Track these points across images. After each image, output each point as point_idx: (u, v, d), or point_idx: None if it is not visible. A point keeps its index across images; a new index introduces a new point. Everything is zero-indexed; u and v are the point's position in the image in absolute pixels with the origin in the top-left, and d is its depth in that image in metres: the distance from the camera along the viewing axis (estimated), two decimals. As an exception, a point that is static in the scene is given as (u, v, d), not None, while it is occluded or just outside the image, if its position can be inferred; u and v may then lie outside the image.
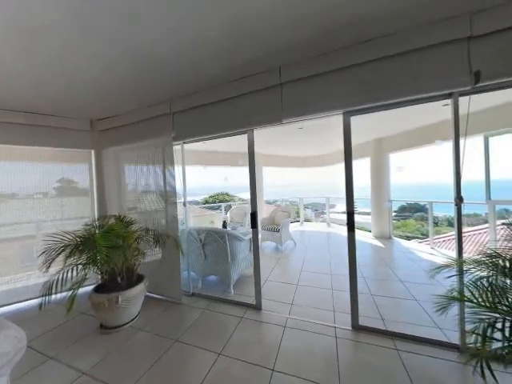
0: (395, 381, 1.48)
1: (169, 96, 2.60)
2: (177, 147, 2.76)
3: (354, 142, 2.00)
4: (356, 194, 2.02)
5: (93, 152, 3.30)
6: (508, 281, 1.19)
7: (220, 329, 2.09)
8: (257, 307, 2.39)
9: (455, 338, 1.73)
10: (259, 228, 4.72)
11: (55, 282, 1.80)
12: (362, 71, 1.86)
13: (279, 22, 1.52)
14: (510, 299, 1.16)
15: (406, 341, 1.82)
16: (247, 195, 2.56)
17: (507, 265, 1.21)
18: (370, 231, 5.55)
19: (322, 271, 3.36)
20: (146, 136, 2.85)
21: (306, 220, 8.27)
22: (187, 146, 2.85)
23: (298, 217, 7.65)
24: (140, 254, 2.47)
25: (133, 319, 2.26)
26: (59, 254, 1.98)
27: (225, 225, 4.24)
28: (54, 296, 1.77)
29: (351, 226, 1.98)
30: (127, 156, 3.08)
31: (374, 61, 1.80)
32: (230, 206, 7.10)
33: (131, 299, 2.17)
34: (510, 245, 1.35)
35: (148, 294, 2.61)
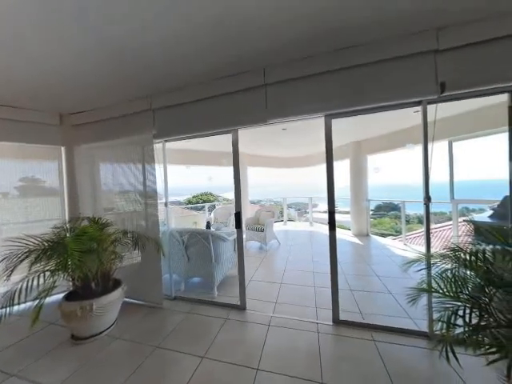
0: (372, 370, 1.57)
1: (149, 91, 2.49)
2: (158, 145, 2.66)
3: (335, 144, 2.08)
4: (337, 194, 2.10)
5: (63, 149, 3.05)
6: (468, 272, 1.32)
7: (203, 332, 2.05)
8: (241, 307, 2.39)
9: (424, 327, 1.88)
10: (244, 228, 4.71)
11: (18, 291, 1.64)
12: (342, 76, 1.94)
13: (264, 24, 1.53)
14: (469, 288, 1.29)
15: (382, 332, 1.94)
16: (232, 195, 2.55)
17: (467, 257, 1.34)
18: (350, 229, 5.82)
19: (305, 269, 3.45)
20: (124, 133, 2.70)
21: (290, 219, 8.43)
22: (169, 145, 2.76)
23: (282, 216, 7.77)
24: (117, 258, 2.34)
25: (109, 327, 2.12)
26: (22, 260, 1.79)
27: (209, 225, 4.18)
28: (16, 307, 1.61)
29: (332, 224, 2.06)
30: (103, 154, 2.89)
31: (353, 67, 1.89)
32: (214, 206, 7.00)
33: (107, 306, 2.05)
34: (469, 239, 1.50)
35: (126, 299, 2.47)
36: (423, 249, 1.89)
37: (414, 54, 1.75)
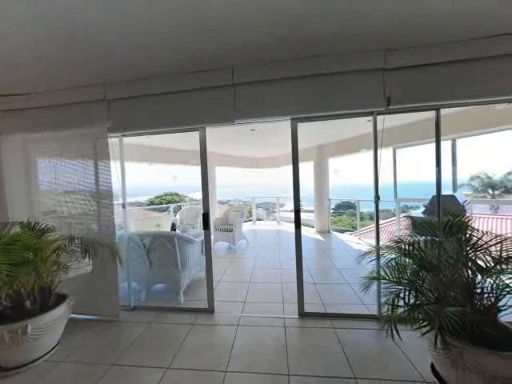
0: (332, 354, 1.71)
1: (104, 79, 2.22)
2: (114, 140, 2.39)
3: (301, 146, 2.20)
4: (302, 194, 2.23)
5: (-15, 139, 2.49)
6: (407, 260, 1.56)
7: (168, 341, 1.93)
8: (209, 311, 2.33)
9: (375, 310, 2.14)
10: (212, 229, 4.60)
11: None
12: (307, 83, 2.06)
13: (234, 23, 1.52)
14: (408, 274, 1.51)
15: (341, 319, 2.13)
16: (199, 195, 2.46)
17: (407, 248, 1.58)
18: (313, 227, 6.24)
19: (272, 267, 3.55)
20: (70, 124, 2.35)
21: (258, 219, 8.58)
22: (128, 140, 2.51)
23: (251, 216, 7.85)
24: (61, 269, 2.02)
25: (49, 351, 1.81)
26: None
27: (174, 227, 3.94)
28: None
29: (298, 223, 2.18)
30: (42, 147, 2.46)
31: (317, 75, 2.03)
32: (180, 207, 6.65)
33: (47, 326, 1.74)
34: (408, 232, 1.76)
35: (74, 315, 2.15)
36: (374, 242, 2.15)
37: (368, 70, 1.97)
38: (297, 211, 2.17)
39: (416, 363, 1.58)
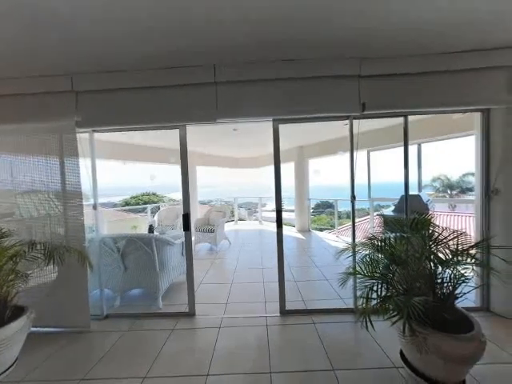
0: (312, 349, 1.77)
1: (73, 69, 2.04)
2: (83, 135, 2.21)
3: (283, 147, 2.24)
4: (283, 194, 2.27)
5: None
6: (380, 255, 1.67)
7: (145, 349, 1.84)
8: (190, 314, 2.26)
9: (351, 304, 2.26)
10: (193, 230, 4.48)
11: None
12: (289, 85, 2.10)
13: (213, 18, 1.49)
14: (380, 268, 1.63)
15: (320, 314, 2.21)
16: (179, 195, 2.38)
17: (379, 244, 1.70)
18: (294, 226, 6.40)
19: (254, 266, 3.57)
20: (32, 116, 2.12)
21: (241, 219, 8.55)
22: (100, 136, 2.33)
23: (233, 216, 7.80)
24: (19, 278, 1.81)
25: (5, 370, 1.60)
26: None
27: (151, 229, 3.76)
28: None
29: (279, 222, 2.21)
30: (-4, 141, 2.18)
31: (299, 78, 2.08)
32: (159, 208, 6.36)
33: (1, 343, 1.54)
34: (380, 229, 1.89)
35: (36, 329, 1.94)
36: (350, 239, 2.27)
37: (345, 76, 2.08)
38: (278, 211, 2.20)
39: (387, 351, 1.70)
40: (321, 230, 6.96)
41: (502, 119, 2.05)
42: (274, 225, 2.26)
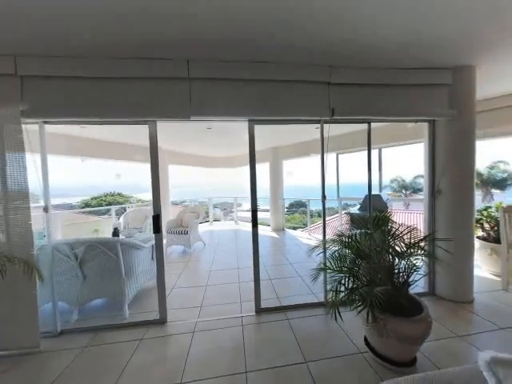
0: (286, 343, 1.82)
1: (16, 49, 1.75)
2: (30, 127, 1.92)
3: (258, 148, 2.26)
4: (259, 194, 2.29)
5: None
6: (347, 250, 1.81)
7: (109, 364, 1.68)
8: (161, 321, 2.14)
9: (322, 298, 2.40)
10: (164, 232, 4.24)
11: None
12: (265, 87, 2.13)
13: (185, 11, 1.43)
14: (348, 262, 1.76)
15: (294, 309, 2.29)
16: (149, 195, 2.23)
17: (346, 240, 1.83)
18: (269, 225, 6.52)
19: (230, 267, 3.53)
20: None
21: (216, 219, 8.39)
22: (53, 128, 2.06)
23: (208, 217, 7.61)
24: None
25: None
26: None
27: (116, 232, 3.45)
28: None
29: (255, 222, 2.23)
30: None
31: (274, 81, 2.12)
32: (125, 209, 5.87)
33: None
34: (348, 227, 2.04)
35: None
36: (321, 237, 2.40)
37: (317, 82, 2.19)
38: (254, 211, 2.22)
39: (353, 338, 1.85)
40: (294, 228, 7.22)
41: (445, 129, 2.38)
42: (250, 225, 2.27)
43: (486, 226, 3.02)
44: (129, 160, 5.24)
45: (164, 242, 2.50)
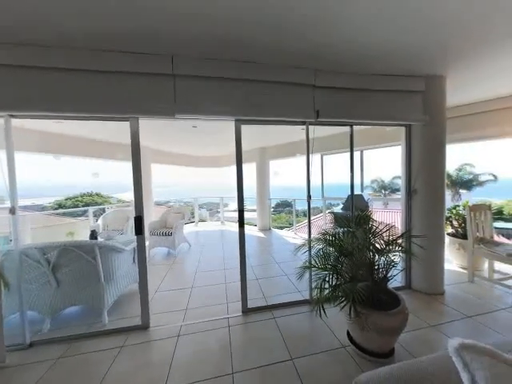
0: (273, 342, 1.84)
1: (-25, 35, 1.59)
2: (-4, 121, 1.75)
3: (245, 148, 2.26)
4: (245, 194, 2.29)
5: None
6: (331, 248, 1.86)
7: (86, 374, 1.58)
8: (143, 327, 2.05)
9: (307, 295, 2.45)
10: (147, 234, 4.08)
11: None
12: (252, 87, 2.13)
13: (168, 4, 1.39)
14: (331, 260, 1.81)
15: (280, 308, 2.32)
16: (130, 195, 2.13)
17: (330, 238, 1.89)
18: (256, 225, 6.54)
19: (216, 268, 3.49)
20: None
21: (201, 220, 8.24)
22: (21, 123, 1.89)
23: (193, 217, 7.45)
24: None
25: None
26: None
27: (94, 235, 3.25)
28: None
29: (241, 222, 2.22)
30: None
31: (261, 81, 2.13)
32: (104, 210, 5.56)
33: None
34: (331, 225, 2.11)
35: None
36: (307, 236, 2.45)
37: (303, 84, 2.23)
38: (240, 211, 2.21)
39: (337, 333, 1.91)
40: (281, 228, 7.31)
41: (419, 134, 2.55)
42: (237, 225, 2.26)
43: (455, 223, 3.28)
44: (109, 158, 4.97)
45: (147, 243, 2.40)
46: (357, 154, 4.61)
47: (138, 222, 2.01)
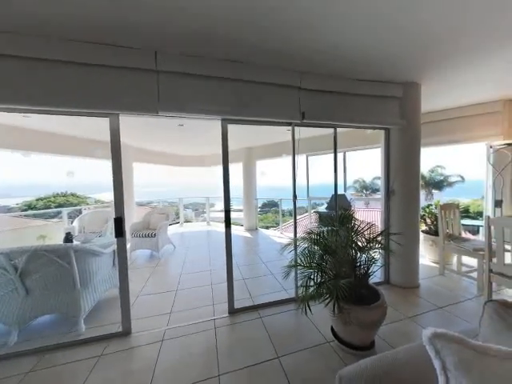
0: (260, 341, 1.85)
1: None
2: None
3: (231, 148, 2.24)
4: (232, 194, 2.27)
5: None
6: (316, 247, 1.91)
7: (60, 387, 1.47)
8: (124, 333, 1.96)
9: (293, 293, 2.49)
10: (128, 236, 3.89)
11: None
12: (239, 87, 2.12)
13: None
14: (316, 258, 1.86)
15: (267, 307, 2.34)
16: (110, 196, 2.03)
17: (315, 237, 1.94)
18: (243, 225, 6.52)
19: (202, 269, 3.43)
20: None
21: (187, 221, 8.05)
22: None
23: (178, 218, 7.25)
24: None
25: None
26: None
27: (69, 238, 3.04)
28: None
29: (228, 222, 2.21)
30: None
31: (248, 81, 2.13)
32: (80, 212, 5.22)
33: None
34: (316, 224, 2.17)
35: None
36: (292, 235, 2.49)
37: (289, 86, 2.26)
38: (227, 211, 2.19)
39: (321, 329, 1.96)
40: (267, 227, 7.36)
41: (397, 137, 2.71)
42: (223, 225, 2.24)
43: (428, 221, 3.52)
44: (86, 156, 4.67)
45: (128, 246, 2.29)
46: (340, 156, 4.79)
47: (119, 223, 1.91)
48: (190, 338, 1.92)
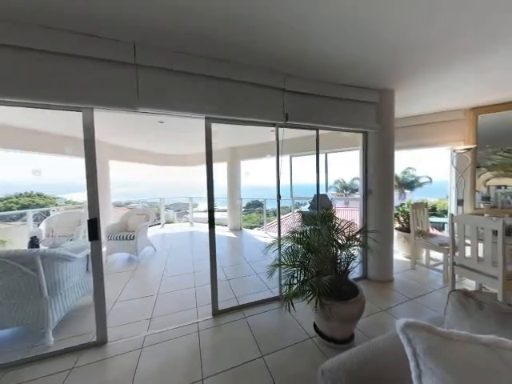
0: (244, 342, 1.84)
1: None
2: None
3: (215, 147, 2.20)
4: (216, 194, 2.24)
5: None
6: (299, 246, 1.96)
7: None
8: (99, 343, 1.84)
9: (277, 292, 2.52)
10: (104, 238, 3.65)
11: None
12: (223, 86, 2.09)
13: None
14: (299, 257, 1.90)
15: (251, 307, 2.34)
16: (83, 196, 1.89)
17: (298, 236, 1.98)
18: (227, 225, 6.46)
19: (184, 272, 3.33)
20: None
21: (168, 222, 7.77)
22: None
23: (159, 219, 6.97)
24: None
25: None
26: None
27: (35, 242, 2.77)
28: None
29: (212, 222, 2.17)
30: None
31: (232, 80, 2.11)
32: (48, 213, 4.79)
33: None
34: (299, 224, 2.22)
35: None
36: (276, 234, 2.52)
37: (273, 87, 2.29)
38: (211, 211, 2.16)
39: (304, 326, 2.02)
40: (251, 227, 7.37)
41: (374, 140, 2.87)
42: (207, 226, 2.20)
43: (401, 219, 3.78)
44: (56, 153, 4.29)
45: (103, 249, 2.14)
46: (322, 157, 4.95)
47: (93, 225, 1.79)
48: (172, 343, 1.86)
